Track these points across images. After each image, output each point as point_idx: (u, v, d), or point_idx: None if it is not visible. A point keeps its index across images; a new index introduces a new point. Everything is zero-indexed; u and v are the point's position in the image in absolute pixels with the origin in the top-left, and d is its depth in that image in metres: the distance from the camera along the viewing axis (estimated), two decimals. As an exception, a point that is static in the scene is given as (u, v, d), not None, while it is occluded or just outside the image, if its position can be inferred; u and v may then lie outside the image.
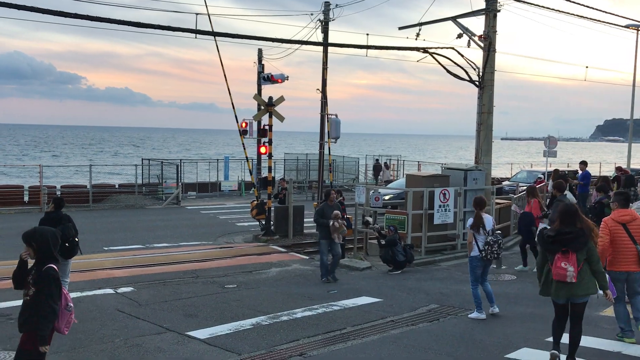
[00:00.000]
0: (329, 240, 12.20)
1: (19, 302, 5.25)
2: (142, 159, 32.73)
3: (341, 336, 8.21)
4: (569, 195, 13.22)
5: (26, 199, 25.65)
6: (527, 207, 12.96)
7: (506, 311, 9.47)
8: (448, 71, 16.69)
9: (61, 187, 28.16)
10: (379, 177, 36.42)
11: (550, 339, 6.85)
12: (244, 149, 19.22)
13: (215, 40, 16.32)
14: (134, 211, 24.79)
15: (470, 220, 9.31)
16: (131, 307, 9.72)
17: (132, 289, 11.10)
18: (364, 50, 17.23)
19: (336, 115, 20.56)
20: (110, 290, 10.94)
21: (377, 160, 39.13)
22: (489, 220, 9.17)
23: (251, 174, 21.54)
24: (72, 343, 7.65)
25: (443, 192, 14.26)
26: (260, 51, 27.43)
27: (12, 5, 11.01)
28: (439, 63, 16.60)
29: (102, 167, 47.13)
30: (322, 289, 11.28)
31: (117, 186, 30.22)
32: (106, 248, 15.86)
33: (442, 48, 16.56)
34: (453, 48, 16.51)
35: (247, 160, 21.02)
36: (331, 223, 12.03)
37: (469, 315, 9.08)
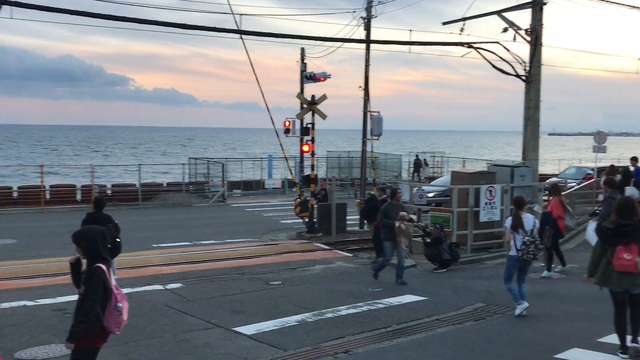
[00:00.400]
0: (394, 241, 11.41)
1: (74, 297, 5.45)
2: (189, 158, 33.37)
3: (386, 334, 8.20)
4: (630, 191, 12.64)
5: (79, 197, 26.56)
6: (549, 207, 12.28)
7: (555, 310, 9.27)
8: (493, 66, 16.41)
9: (112, 185, 29.06)
10: (419, 173, 36.47)
11: (604, 339, 6.72)
12: (282, 148, 19.32)
13: (242, 39, 16.06)
14: (182, 209, 25.33)
15: (508, 220, 9.12)
16: (180, 303, 9.95)
17: (180, 285, 11.36)
18: (406, 47, 17.11)
19: (379, 112, 20.50)
20: (159, 287, 11.22)
21: (416, 156, 39.05)
22: (528, 219, 8.91)
23: (292, 173, 21.67)
24: (123, 338, 7.86)
25: (489, 189, 14.04)
26: (302, 50, 27.61)
27: (65, 11, 11.42)
28: (484, 58, 16.34)
29: (150, 167, 48.27)
30: (366, 287, 11.28)
31: (165, 185, 30.97)
32: (155, 245, 16.25)
33: (487, 43, 16.31)
34: (498, 42, 16.23)
35: (286, 160, 21.13)
36: (397, 224, 11.30)
37: (515, 312, 8.92)
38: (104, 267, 5.20)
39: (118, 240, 9.62)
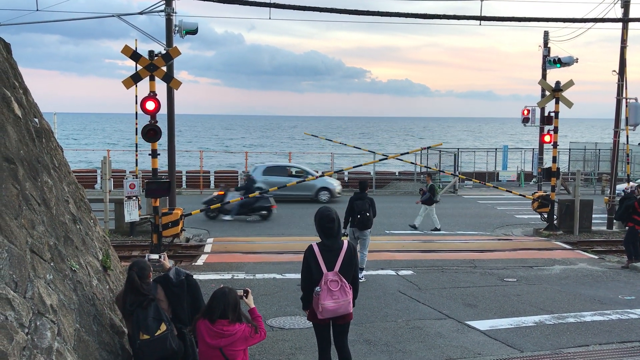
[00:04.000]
0: None
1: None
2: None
3: (641, 349, 7.29)
4: None
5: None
6: None
7: None
8: None
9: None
10: None
11: None
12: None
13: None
14: (412, 198, 25.54)
15: None
16: (412, 290, 10.11)
17: (411, 272, 11.55)
18: (676, 23, 14.81)
19: (636, 99, 18.21)
20: (391, 272, 11.55)
21: None
22: None
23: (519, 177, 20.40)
24: (359, 318, 8.26)
25: None
26: (546, 34, 25.73)
27: (312, 8, 12.28)
28: None
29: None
30: (615, 293, 10.16)
31: (397, 174, 31.71)
32: (387, 232, 16.77)
33: None
34: None
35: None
36: None
37: None
38: (315, 248, 5.33)
39: (367, 214, 10.55)
